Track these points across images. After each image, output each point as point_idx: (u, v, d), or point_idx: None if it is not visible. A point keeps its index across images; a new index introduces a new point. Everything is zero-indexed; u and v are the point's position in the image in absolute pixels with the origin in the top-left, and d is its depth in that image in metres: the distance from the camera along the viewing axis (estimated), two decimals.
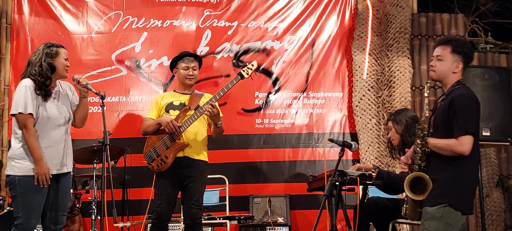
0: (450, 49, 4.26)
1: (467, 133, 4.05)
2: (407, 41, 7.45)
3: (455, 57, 4.25)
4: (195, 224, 5.47)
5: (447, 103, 4.15)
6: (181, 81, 5.76)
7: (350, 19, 7.67)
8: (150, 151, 5.55)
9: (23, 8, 7.48)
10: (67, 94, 4.97)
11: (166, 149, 5.48)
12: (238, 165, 7.38)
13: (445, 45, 4.30)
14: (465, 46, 4.32)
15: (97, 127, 7.13)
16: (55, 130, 4.75)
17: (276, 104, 7.53)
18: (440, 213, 4.05)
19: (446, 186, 4.08)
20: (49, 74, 4.73)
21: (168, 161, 5.46)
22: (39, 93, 4.67)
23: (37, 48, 4.86)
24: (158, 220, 5.51)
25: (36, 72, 4.70)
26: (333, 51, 7.63)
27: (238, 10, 7.64)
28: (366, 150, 7.24)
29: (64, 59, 4.84)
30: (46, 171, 4.60)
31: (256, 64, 5.73)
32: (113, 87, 7.39)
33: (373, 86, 7.37)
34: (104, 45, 7.49)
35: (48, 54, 4.77)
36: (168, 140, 5.48)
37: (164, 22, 7.56)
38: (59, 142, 4.78)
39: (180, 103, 5.64)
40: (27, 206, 4.58)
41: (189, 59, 5.71)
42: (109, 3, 7.54)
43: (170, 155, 5.45)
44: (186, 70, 5.68)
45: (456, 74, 4.28)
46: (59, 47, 4.87)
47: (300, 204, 7.20)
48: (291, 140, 7.46)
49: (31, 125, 4.60)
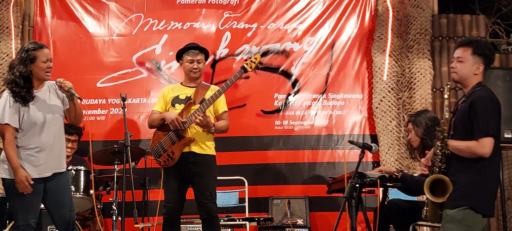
0: (471, 51, 4.24)
1: (488, 135, 4.03)
2: (427, 43, 7.40)
3: (476, 59, 4.23)
4: (211, 217, 5.46)
5: (467, 105, 4.13)
6: (187, 74, 5.75)
7: (370, 21, 7.64)
8: (157, 146, 5.58)
9: (45, 11, 7.57)
10: (57, 94, 4.90)
11: (172, 144, 5.49)
12: (258, 167, 7.38)
13: (466, 47, 4.27)
14: (486, 48, 4.30)
15: (118, 128, 7.18)
16: (45, 133, 4.73)
17: (296, 106, 7.52)
18: (460, 215, 4.02)
19: (467, 188, 4.05)
20: (22, 82, 4.63)
21: (175, 157, 5.46)
22: (17, 101, 4.63)
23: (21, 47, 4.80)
24: (168, 216, 5.53)
25: (9, 80, 4.65)
26: (353, 52, 7.61)
27: (257, 12, 7.65)
28: (386, 152, 7.21)
29: (43, 62, 4.69)
30: (23, 179, 4.57)
31: (259, 57, 5.72)
32: (134, 89, 7.44)
33: (393, 88, 7.34)
34: (125, 47, 7.55)
35: (22, 60, 4.65)
36: (174, 135, 5.49)
37: (184, 24, 7.59)
38: (51, 144, 4.76)
39: (186, 97, 5.63)
40: (24, 207, 4.62)
41: (194, 52, 5.67)
42: (130, 6, 7.60)
43: (177, 150, 5.46)
44: (191, 64, 5.66)
45: (477, 76, 4.25)
46: (39, 49, 4.71)
47: (319, 206, 7.19)
48: (311, 142, 7.45)
49: (8, 134, 4.59)
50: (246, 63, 5.66)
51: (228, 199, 6.96)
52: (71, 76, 7.20)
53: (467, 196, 4.04)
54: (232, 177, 7.03)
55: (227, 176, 6.98)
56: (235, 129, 7.04)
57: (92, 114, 7.40)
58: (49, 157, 4.76)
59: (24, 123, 4.66)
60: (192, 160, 5.48)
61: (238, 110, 7.27)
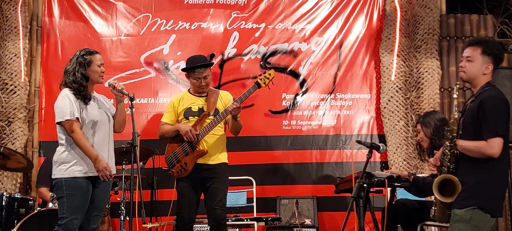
0: (480, 51, 4.22)
1: (497, 135, 4.02)
2: (435, 43, 7.39)
3: (485, 58, 4.21)
4: (219, 225, 5.50)
5: (476, 105, 4.12)
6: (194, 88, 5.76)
7: (378, 21, 7.64)
8: (171, 156, 5.60)
9: (53, 11, 7.59)
10: (104, 102, 5.08)
11: (186, 155, 5.52)
12: (266, 167, 7.39)
13: (475, 46, 4.25)
14: (495, 47, 4.27)
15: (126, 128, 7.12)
16: (99, 132, 4.88)
17: (303, 106, 7.52)
18: (468, 215, 4.01)
19: (475, 188, 4.04)
20: (84, 82, 4.84)
21: (188, 168, 5.51)
22: (78, 98, 4.78)
23: (73, 55, 4.96)
24: (181, 223, 5.56)
25: (71, 81, 4.81)
26: (360, 52, 7.60)
27: (265, 12, 7.65)
28: (394, 152, 7.20)
29: (97, 66, 4.92)
30: (106, 166, 4.76)
31: (273, 73, 5.72)
32: (142, 89, 7.46)
33: (401, 87, 7.32)
34: (133, 47, 7.57)
35: (81, 64, 4.86)
36: (187, 146, 5.52)
37: (192, 24, 7.60)
38: (103, 144, 4.90)
39: (199, 109, 5.64)
40: (71, 207, 4.70)
41: (199, 71, 5.64)
42: (138, 6, 7.62)
43: (190, 161, 5.50)
44: (198, 81, 5.67)
45: (486, 76, 4.23)
46: (93, 54, 4.95)
47: (327, 206, 7.19)
48: (319, 142, 7.45)
49: (78, 128, 4.73)
50: (260, 78, 5.65)
51: (236, 199, 6.97)
52: None
53: (475, 196, 4.02)
54: (240, 177, 7.03)
55: (235, 176, 6.98)
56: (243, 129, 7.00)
57: None
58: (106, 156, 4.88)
59: (82, 121, 4.79)
60: (206, 169, 5.52)
61: (246, 111, 7.25)
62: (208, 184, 5.53)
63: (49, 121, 6.76)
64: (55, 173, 4.81)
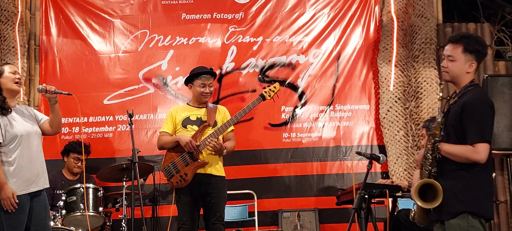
0: (461, 49, 4.06)
1: (483, 140, 3.88)
2: (433, 52, 7.40)
3: (468, 56, 4.05)
4: None
5: (459, 107, 3.99)
6: (197, 98, 5.82)
7: (375, 31, 7.65)
8: (169, 166, 5.61)
9: (51, 30, 7.60)
10: (29, 114, 4.94)
11: (186, 166, 5.53)
12: (266, 180, 7.37)
13: (456, 44, 4.09)
14: (477, 43, 4.09)
15: (126, 144, 7.19)
16: (26, 148, 4.72)
17: (303, 118, 7.51)
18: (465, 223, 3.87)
19: (461, 192, 3.90)
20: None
21: (188, 178, 5.52)
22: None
23: None
24: None
25: None
26: (358, 63, 7.61)
27: (262, 26, 7.66)
28: (394, 162, 7.19)
29: (10, 73, 4.82)
30: (10, 195, 4.54)
31: (279, 86, 5.76)
32: (141, 105, 7.45)
33: (400, 97, 7.33)
34: (131, 64, 7.57)
35: None
36: (188, 156, 5.53)
37: (189, 40, 7.61)
38: (32, 159, 4.75)
39: (197, 118, 5.70)
40: (12, 226, 4.57)
41: (206, 77, 5.76)
42: (135, 22, 7.63)
43: (189, 172, 5.51)
44: (203, 88, 5.74)
45: (470, 74, 4.09)
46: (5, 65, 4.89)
47: (329, 218, 7.16)
48: (319, 154, 7.43)
49: None
50: (265, 91, 5.70)
51: (238, 213, 6.95)
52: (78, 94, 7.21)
53: (462, 201, 3.88)
54: (241, 190, 7.03)
55: (236, 190, 6.98)
56: (243, 142, 7.06)
57: (99, 131, 7.41)
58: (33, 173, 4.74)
59: (7, 136, 4.64)
60: (206, 181, 5.55)
61: (245, 124, 7.27)
62: (208, 198, 5.55)
63: (50, 139, 6.74)
64: None
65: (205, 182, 5.55)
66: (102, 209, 6.23)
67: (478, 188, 3.93)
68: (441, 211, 3.94)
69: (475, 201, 3.90)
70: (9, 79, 4.80)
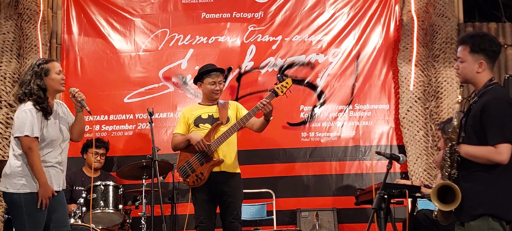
0: (468, 49, 4.00)
1: (506, 141, 3.81)
2: (453, 52, 7.33)
3: (475, 56, 3.98)
4: None
5: (479, 108, 3.92)
6: (207, 95, 5.83)
7: (395, 31, 7.62)
8: (184, 165, 5.62)
9: (72, 28, 7.67)
10: (64, 113, 4.92)
11: (201, 165, 5.54)
12: (285, 179, 7.37)
13: (463, 45, 4.04)
14: (484, 42, 4.00)
15: (146, 143, 7.23)
16: (56, 150, 4.73)
17: (322, 118, 7.50)
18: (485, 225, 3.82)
19: (482, 194, 3.85)
20: (42, 94, 4.66)
21: (204, 177, 5.52)
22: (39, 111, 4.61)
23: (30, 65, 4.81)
24: None
25: (28, 92, 4.64)
26: (378, 63, 7.58)
27: (282, 25, 7.67)
28: (414, 162, 7.15)
29: (56, 73, 4.75)
30: (50, 195, 4.59)
31: (291, 82, 5.74)
32: (161, 104, 7.49)
33: (420, 97, 7.29)
34: (151, 62, 7.62)
35: (37, 74, 4.68)
36: (202, 156, 5.53)
37: (209, 39, 7.64)
38: (60, 162, 4.76)
39: (209, 116, 5.71)
40: (34, 224, 4.58)
41: (216, 74, 5.78)
42: (155, 21, 7.67)
43: (206, 170, 5.52)
44: (213, 85, 5.76)
45: (482, 74, 4.00)
46: (49, 62, 4.78)
47: (348, 218, 7.14)
48: (338, 153, 7.41)
49: (36, 147, 4.56)
50: (277, 87, 5.66)
51: (256, 212, 6.96)
52: (98, 92, 7.40)
53: (483, 203, 3.83)
54: (259, 189, 7.03)
55: (255, 189, 6.99)
56: (261, 141, 7.07)
57: (119, 129, 7.46)
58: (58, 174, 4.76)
59: (45, 137, 4.64)
60: (222, 179, 5.55)
61: None
62: (225, 197, 5.56)
63: None
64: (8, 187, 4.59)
65: (221, 180, 5.56)
66: (122, 207, 6.27)
67: (499, 190, 3.86)
68: (462, 212, 3.91)
69: (496, 203, 3.84)
70: (56, 80, 4.75)
